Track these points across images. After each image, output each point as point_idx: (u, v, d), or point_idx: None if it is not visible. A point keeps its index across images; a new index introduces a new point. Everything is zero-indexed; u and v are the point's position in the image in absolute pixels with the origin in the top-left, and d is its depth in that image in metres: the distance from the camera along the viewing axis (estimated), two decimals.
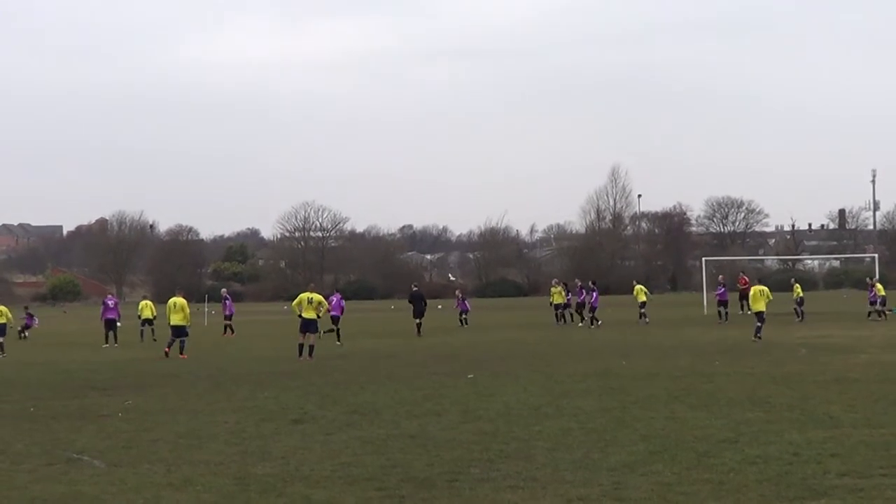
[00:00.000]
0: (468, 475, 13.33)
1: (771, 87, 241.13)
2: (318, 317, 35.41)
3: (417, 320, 49.44)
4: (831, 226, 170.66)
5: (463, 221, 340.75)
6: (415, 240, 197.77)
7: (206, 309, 69.07)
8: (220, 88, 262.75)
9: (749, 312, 61.67)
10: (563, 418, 18.23)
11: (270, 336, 49.85)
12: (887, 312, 54.89)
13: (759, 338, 38.46)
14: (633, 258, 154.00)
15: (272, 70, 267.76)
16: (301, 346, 34.58)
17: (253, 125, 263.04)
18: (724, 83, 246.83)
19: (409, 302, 51.49)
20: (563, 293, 56.94)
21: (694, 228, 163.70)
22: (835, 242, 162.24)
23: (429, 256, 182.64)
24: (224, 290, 62.21)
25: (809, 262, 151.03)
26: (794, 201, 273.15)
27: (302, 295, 36.07)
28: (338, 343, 41.70)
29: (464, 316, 57.27)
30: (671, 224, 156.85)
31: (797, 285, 57.65)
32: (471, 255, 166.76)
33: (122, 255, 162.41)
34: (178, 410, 20.99)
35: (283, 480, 13.34)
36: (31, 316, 56.92)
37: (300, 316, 35.14)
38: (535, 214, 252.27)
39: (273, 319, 70.42)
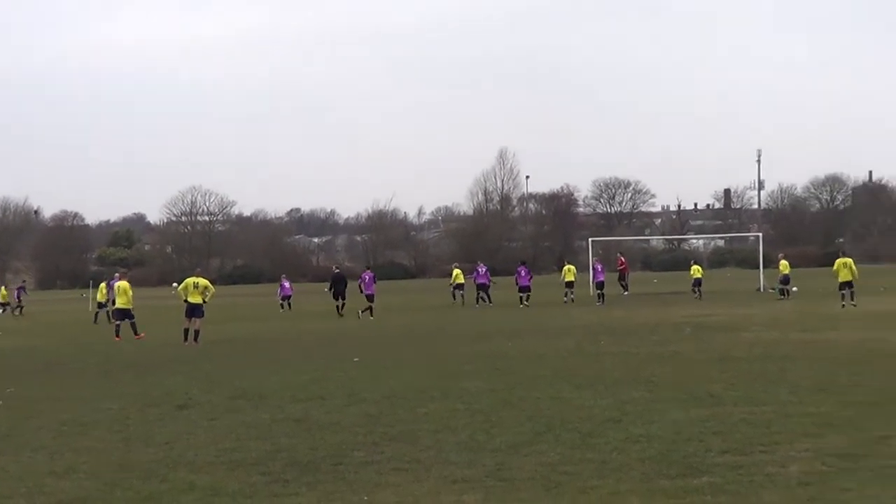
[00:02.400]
0: (352, 458, 13.28)
1: (658, 69, 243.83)
2: (204, 301, 35.15)
3: (338, 302, 49.90)
4: (717, 205, 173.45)
5: (351, 204, 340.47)
6: (302, 223, 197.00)
7: (91, 294, 68.16)
8: (105, 72, 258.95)
9: (625, 294, 62.81)
10: (448, 400, 18.24)
11: (156, 322, 49.29)
12: (771, 290, 55.86)
13: (854, 305, 41.98)
14: (521, 239, 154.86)
15: (158, 54, 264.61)
16: (186, 331, 34.37)
17: (139, 109, 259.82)
18: (612, 65, 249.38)
19: (331, 285, 51.87)
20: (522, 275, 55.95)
21: (581, 209, 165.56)
22: (720, 222, 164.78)
23: (316, 240, 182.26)
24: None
25: (694, 241, 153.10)
26: (680, 181, 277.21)
27: (188, 279, 35.96)
28: (371, 318, 46.07)
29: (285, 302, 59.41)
30: (559, 205, 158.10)
31: (695, 266, 58.24)
32: (358, 238, 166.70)
33: (5, 242, 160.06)
34: (62, 398, 20.68)
35: (167, 466, 13.20)
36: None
37: (186, 301, 34.93)
38: (423, 197, 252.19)
39: (159, 305, 69.65)
